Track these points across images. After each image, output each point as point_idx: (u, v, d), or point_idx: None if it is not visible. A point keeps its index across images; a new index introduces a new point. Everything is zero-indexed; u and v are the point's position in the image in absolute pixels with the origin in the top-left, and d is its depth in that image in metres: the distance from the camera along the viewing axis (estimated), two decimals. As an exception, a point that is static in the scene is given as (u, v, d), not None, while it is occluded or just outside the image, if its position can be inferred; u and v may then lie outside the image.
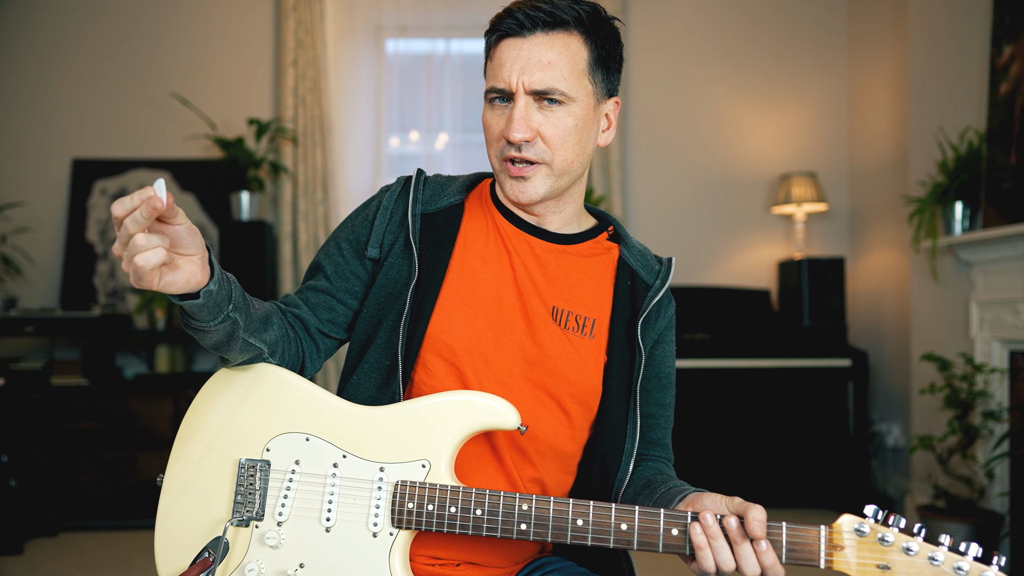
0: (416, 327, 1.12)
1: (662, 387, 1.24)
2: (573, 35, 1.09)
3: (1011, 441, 2.83)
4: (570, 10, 1.08)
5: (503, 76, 1.08)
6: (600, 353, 1.16)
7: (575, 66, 1.09)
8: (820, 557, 0.93)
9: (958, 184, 3.20)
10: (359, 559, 1.02)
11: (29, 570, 3.14)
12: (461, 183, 1.23)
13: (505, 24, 1.08)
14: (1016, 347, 3.00)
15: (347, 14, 4.51)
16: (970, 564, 0.90)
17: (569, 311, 1.16)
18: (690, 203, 4.56)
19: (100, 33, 4.46)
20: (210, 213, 4.38)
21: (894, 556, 0.91)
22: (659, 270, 1.23)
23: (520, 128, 1.07)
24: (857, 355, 3.90)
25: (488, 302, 1.14)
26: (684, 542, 0.96)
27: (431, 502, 1.00)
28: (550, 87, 1.07)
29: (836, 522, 0.94)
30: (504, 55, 1.09)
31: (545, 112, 1.09)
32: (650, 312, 1.19)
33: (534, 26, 1.07)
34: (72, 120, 4.44)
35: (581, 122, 1.11)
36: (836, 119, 4.58)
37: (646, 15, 4.57)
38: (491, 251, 1.17)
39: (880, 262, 4.23)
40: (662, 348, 1.23)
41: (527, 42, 1.08)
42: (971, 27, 3.29)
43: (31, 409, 3.74)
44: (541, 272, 1.16)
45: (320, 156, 4.38)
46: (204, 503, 1.08)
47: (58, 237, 4.38)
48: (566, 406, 1.14)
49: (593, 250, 1.21)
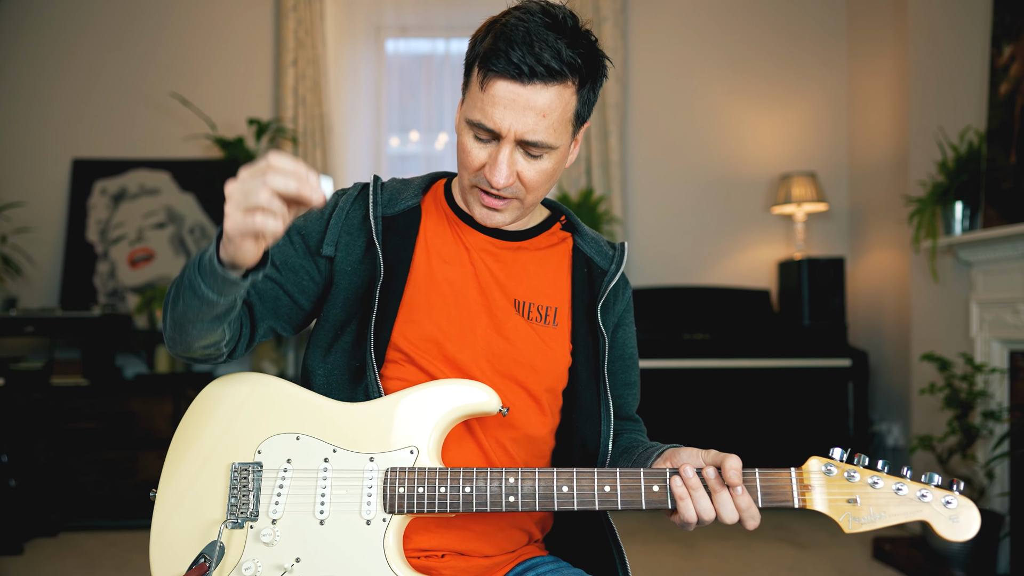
0: (382, 328, 1.14)
1: (627, 367, 1.29)
2: (567, 86, 1.09)
3: (1011, 441, 2.83)
4: (571, 61, 1.07)
5: (494, 118, 1.07)
6: (565, 340, 1.20)
7: (564, 115, 1.09)
8: (794, 497, 1.00)
9: (958, 184, 3.20)
10: (354, 547, 1.04)
11: (29, 570, 3.14)
12: (416, 186, 1.24)
13: (502, 66, 1.05)
14: (1016, 347, 3.00)
15: (347, 14, 4.51)
16: (932, 491, 0.98)
17: (531, 302, 1.19)
18: (690, 203, 4.56)
19: (100, 33, 4.46)
20: (210, 213, 4.38)
21: (861, 490, 0.99)
22: (613, 255, 1.26)
23: (503, 175, 1.09)
24: (857, 355, 3.90)
25: (452, 300, 1.17)
26: (666, 497, 1.01)
27: (421, 484, 1.04)
28: (539, 140, 1.08)
29: (804, 464, 1.01)
30: (498, 96, 1.06)
31: (528, 159, 1.10)
32: (608, 296, 1.23)
33: (533, 76, 1.05)
34: (72, 120, 4.44)
35: (558, 164, 1.14)
36: (836, 119, 4.58)
37: (646, 15, 4.57)
38: (450, 250, 1.19)
39: (880, 262, 4.23)
40: (623, 330, 1.28)
41: (524, 90, 1.05)
42: (971, 27, 3.29)
43: (31, 409, 3.74)
44: (500, 267, 1.20)
45: (320, 156, 4.38)
46: (199, 510, 1.09)
47: (58, 237, 4.38)
48: (536, 394, 1.17)
49: (548, 241, 1.25)
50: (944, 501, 0.97)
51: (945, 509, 0.97)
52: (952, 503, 0.97)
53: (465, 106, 1.13)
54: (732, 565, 3.14)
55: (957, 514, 0.97)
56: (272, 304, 1.19)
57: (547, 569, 1.17)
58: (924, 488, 0.98)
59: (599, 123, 4.43)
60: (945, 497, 0.97)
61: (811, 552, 3.29)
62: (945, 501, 0.97)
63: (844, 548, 3.35)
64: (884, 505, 0.98)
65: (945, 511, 0.97)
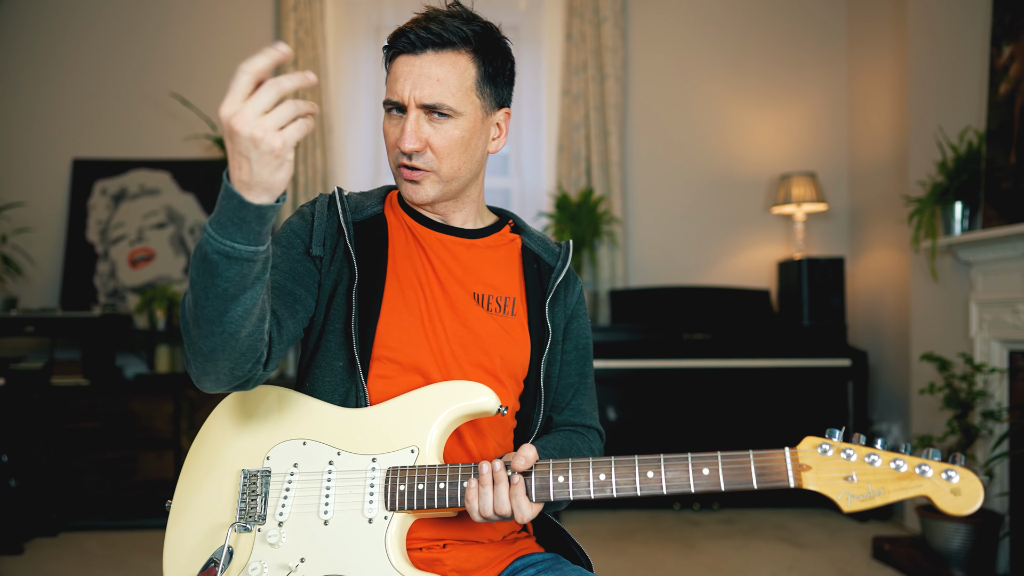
0: (367, 328, 1.18)
1: (582, 357, 1.34)
2: (461, 54, 1.18)
3: (1010, 441, 2.84)
4: (459, 31, 1.17)
5: (397, 90, 1.17)
6: (525, 329, 1.27)
7: (462, 83, 1.18)
8: (789, 477, 0.98)
9: (958, 184, 3.21)
10: (356, 545, 1.07)
11: (29, 570, 3.14)
12: (376, 196, 1.32)
13: (400, 43, 1.17)
14: (1016, 347, 3.00)
15: (347, 14, 4.52)
16: (932, 465, 0.95)
17: (489, 294, 1.26)
18: (690, 203, 4.56)
19: (100, 33, 4.47)
20: (210, 213, 4.38)
21: (858, 467, 0.97)
22: (559, 252, 1.34)
23: (410, 140, 1.16)
24: (857, 355, 3.90)
25: (419, 298, 1.22)
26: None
27: (421, 481, 1.07)
28: (438, 102, 1.16)
29: (799, 444, 1.00)
30: (398, 70, 1.18)
31: (434, 124, 1.17)
32: (557, 290, 1.31)
33: (425, 46, 1.16)
34: (72, 120, 4.44)
35: (468, 134, 1.20)
36: (836, 119, 4.58)
37: (646, 15, 4.57)
38: (410, 250, 1.26)
39: (880, 262, 4.23)
40: (577, 321, 1.34)
41: (419, 60, 1.17)
42: (971, 27, 3.29)
43: (31, 409, 3.75)
44: (457, 264, 1.26)
45: (320, 156, 4.38)
46: (211, 517, 1.13)
47: (58, 237, 4.38)
48: (503, 380, 1.24)
49: (498, 242, 1.31)
50: (945, 475, 0.94)
51: (946, 483, 0.93)
52: (953, 476, 0.93)
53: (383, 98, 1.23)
54: (732, 565, 3.14)
55: (959, 487, 0.93)
56: (290, 304, 1.16)
57: (546, 566, 1.20)
58: (923, 463, 0.95)
59: (599, 123, 4.43)
60: (946, 470, 0.94)
61: (811, 552, 3.29)
62: (946, 474, 0.94)
63: (844, 548, 3.35)
64: (882, 482, 0.95)
65: (946, 485, 0.93)
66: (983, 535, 2.85)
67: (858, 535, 3.53)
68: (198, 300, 0.97)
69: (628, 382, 3.95)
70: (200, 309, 0.97)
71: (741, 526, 3.67)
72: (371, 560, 1.05)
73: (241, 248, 0.93)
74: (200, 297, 0.97)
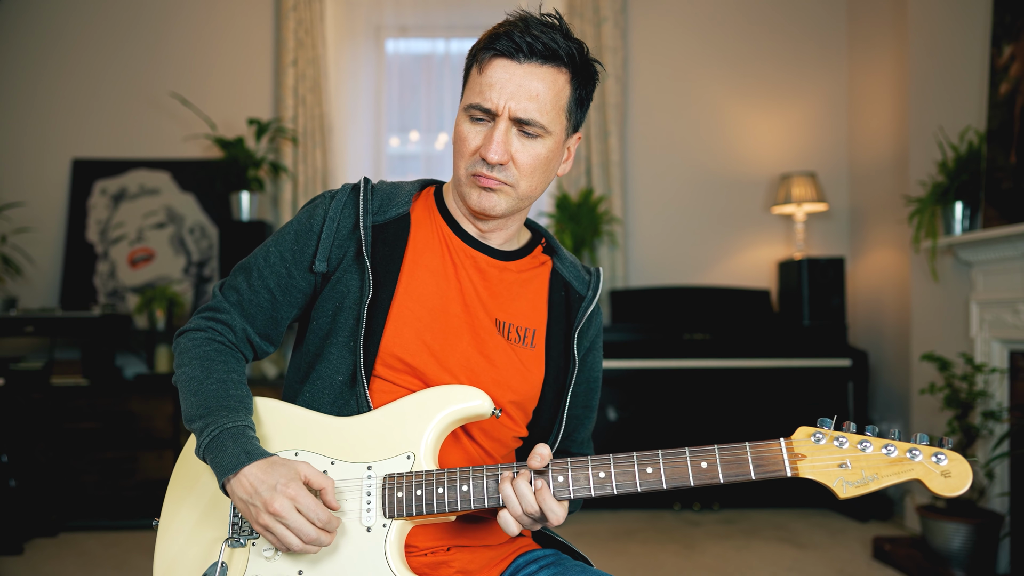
0: (370, 341, 1.14)
1: (591, 391, 1.32)
2: (561, 72, 1.12)
3: (1011, 441, 2.83)
4: (565, 46, 1.11)
5: (491, 96, 1.11)
6: (541, 362, 1.22)
7: (557, 102, 1.13)
8: (785, 466, 1.01)
9: (958, 184, 3.20)
10: (355, 554, 1.05)
11: (29, 570, 3.14)
12: (407, 191, 1.24)
13: (502, 44, 1.10)
14: (1016, 347, 3.00)
15: (347, 14, 4.51)
16: (921, 448, 0.98)
17: (511, 323, 1.21)
18: (690, 203, 4.56)
19: (99, 33, 4.46)
20: (210, 213, 4.38)
21: (851, 454, 1.00)
22: (589, 280, 1.29)
23: (498, 151, 1.11)
24: (857, 355, 3.90)
25: (436, 314, 1.17)
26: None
27: (419, 487, 1.05)
28: (532, 118, 1.11)
29: (793, 434, 1.02)
30: (495, 75, 1.11)
31: (522, 140, 1.13)
32: (584, 322, 1.26)
33: (531, 55, 1.10)
34: (72, 120, 4.44)
35: (551, 154, 1.16)
36: (836, 119, 4.58)
37: (646, 15, 4.57)
38: (438, 263, 1.20)
39: (880, 262, 4.23)
40: (593, 355, 1.31)
41: (521, 68, 1.10)
42: (971, 27, 3.29)
43: (31, 409, 3.74)
44: (485, 286, 1.21)
45: (320, 156, 4.38)
46: (202, 532, 1.11)
47: (58, 237, 4.38)
48: (508, 411, 1.20)
49: (530, 264, 1.27)
50: (935, 457, 0.97)
51: (936, 465, 0.97)
52: (943, 459, 0.97)
53: (464, 98, 1.16)
54: (732, 565, 3.14)
55: (949, 469, 0.97)
56: (274, 326, 1.23)
57: (547, 562, 1.20)
58: (914, 447, 0.98)
59: (599, 123, 4.42)
60: (935, 453, 0.97)
61: (811, 552, 3.29)
62: (936, 457, 0.97)
63: (844, 548, 3.35)
64: (875, 467, 0.98)
65: (937, 467, 0.97)
66: (983, 535, 2.85)
67: (858, 535, 3.53)
68: (177, 378, 1.17)
69: (628, 382, 3.95)
70: (178, 380, 1.17)
71: (741, 526, 3.67)
72: (372, 569, 1.04)
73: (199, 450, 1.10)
74: (179, 379, 1.17)
